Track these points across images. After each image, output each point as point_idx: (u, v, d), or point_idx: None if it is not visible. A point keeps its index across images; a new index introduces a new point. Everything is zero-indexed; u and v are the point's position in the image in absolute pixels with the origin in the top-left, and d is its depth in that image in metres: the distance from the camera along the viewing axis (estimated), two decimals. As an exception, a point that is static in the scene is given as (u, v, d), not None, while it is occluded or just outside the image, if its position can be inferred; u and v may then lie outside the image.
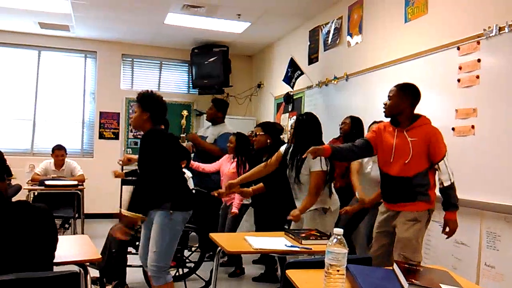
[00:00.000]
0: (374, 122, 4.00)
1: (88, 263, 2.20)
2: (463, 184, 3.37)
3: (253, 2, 5.70)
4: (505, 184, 3.08)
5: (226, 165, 4.82)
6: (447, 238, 2.94)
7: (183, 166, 4.29)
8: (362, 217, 4.10)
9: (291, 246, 2.59)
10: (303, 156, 3.12)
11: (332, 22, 5.58)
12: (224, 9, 5.91)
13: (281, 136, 4.65)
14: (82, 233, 5.70)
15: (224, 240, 2.68)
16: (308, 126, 3.45)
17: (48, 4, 5.99)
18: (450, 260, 3.49)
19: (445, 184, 2.86)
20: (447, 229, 2.89)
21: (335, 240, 1.60)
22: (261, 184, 3.91)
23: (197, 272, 4.28)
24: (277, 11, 5.98)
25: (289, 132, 3.74)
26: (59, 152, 5.98)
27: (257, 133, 4.26)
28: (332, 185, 3.48)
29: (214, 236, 2.78)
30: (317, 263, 1.86)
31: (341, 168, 4.20)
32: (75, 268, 1.91)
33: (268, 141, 4.18)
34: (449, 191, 2.87)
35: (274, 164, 3.54)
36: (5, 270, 1.43)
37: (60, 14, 6.37)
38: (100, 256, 2.25)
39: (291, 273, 1.78)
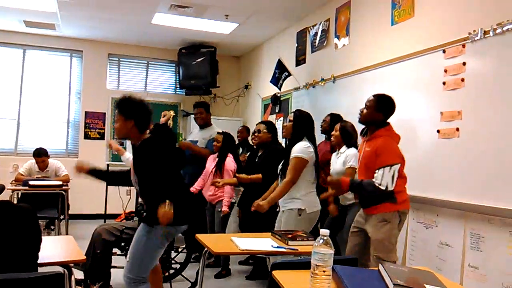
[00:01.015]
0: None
1: (72, 264, 2.17)
2: (447, 185, 3.43)
3: (241, 3, 5.70)
4: (489, 186, 3.11)
5: (210, 164, 4.83)
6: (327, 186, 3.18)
7: None
8: (344, 217, 4.12)
9: (278, 247, 2.59)
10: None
11: (320, 24, 5.60)
12: (212, 9, 5.90)
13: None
14: (67, 233, 5.63)
15: (210, 241, 2.67)
16: (305, 121, 3.54)
17: (34, 2, 5.92)
18: (435, 261, 3.52)
19: (380, 187, 2.89)
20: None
21: (321, 241, 1.61)
22: (259, 175, 4.14)
23: (183, 273, 4.26)
24: (265, 12, 5.99)
25: (283, 128, 3.83)
26: (39, 159, 5.90)
27: (261, 130, 4.39)
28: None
29: (200, 237, 2.76)
30: (303, 264, 1.87)
31: (323, 161, 4.24)
32: (59, 269, 1.89)
33: (269, 139, 4.38)
34: (372, 188, 2.91)
35: None
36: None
37: (46, 13, 6.30)
38: (85, 257, 2.22)
39: (277, 274, 1.78)
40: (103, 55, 8.01)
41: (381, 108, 3.08)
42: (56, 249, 2.33)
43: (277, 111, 6.70)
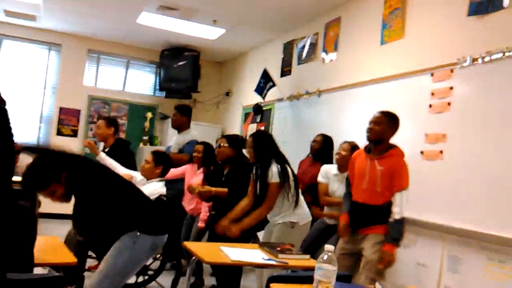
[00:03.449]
0: (345, 142, 4.05)
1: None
2: (427, 206, 3.48)
3: (231, 10, 5.69)
4: (469, 209, 3.17)
5: (191, 176, 4.70)
6: (382, 269, 2.99)
7: (159, 171, 4.05)
8: (327, 237, 4.10)
9: (268, 259, 2.57)
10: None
11: (308, 38, 5.63)
12: (201, 13, 5.86)
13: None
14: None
15: (199, 249, 2.62)
16: (264, 141, 3.51)
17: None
18: (411, 280, 3.56)
19: (395, 217, 2.94)
20: (383, 261, 2.95)
21: (325, 256, 1.61)
22: (225, 189, 3.89)
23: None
24: (254, 21, 6.00)
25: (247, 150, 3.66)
26: None
27: (221, 145, 4.09)
28: (302, 199, 3.51)
29: (189, 245, 2.71)
30: (299, 278, 1.86)
31: (304, 185, 4.20)
32: (44, 271, 1.82)
33: (231, 154, 4.05)
34: (396, 225, 2.95)
35: (253, 193, 3.54)
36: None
37: (29, 4, 6.12)
38: (76, 260, 2.13)
39: (276, 288, 1.77)
40: (82, 50, 7.83)
41: (392, 124, 3.11)
42: (44, 249, 2.23)
43: (258, 120, 6.68)
